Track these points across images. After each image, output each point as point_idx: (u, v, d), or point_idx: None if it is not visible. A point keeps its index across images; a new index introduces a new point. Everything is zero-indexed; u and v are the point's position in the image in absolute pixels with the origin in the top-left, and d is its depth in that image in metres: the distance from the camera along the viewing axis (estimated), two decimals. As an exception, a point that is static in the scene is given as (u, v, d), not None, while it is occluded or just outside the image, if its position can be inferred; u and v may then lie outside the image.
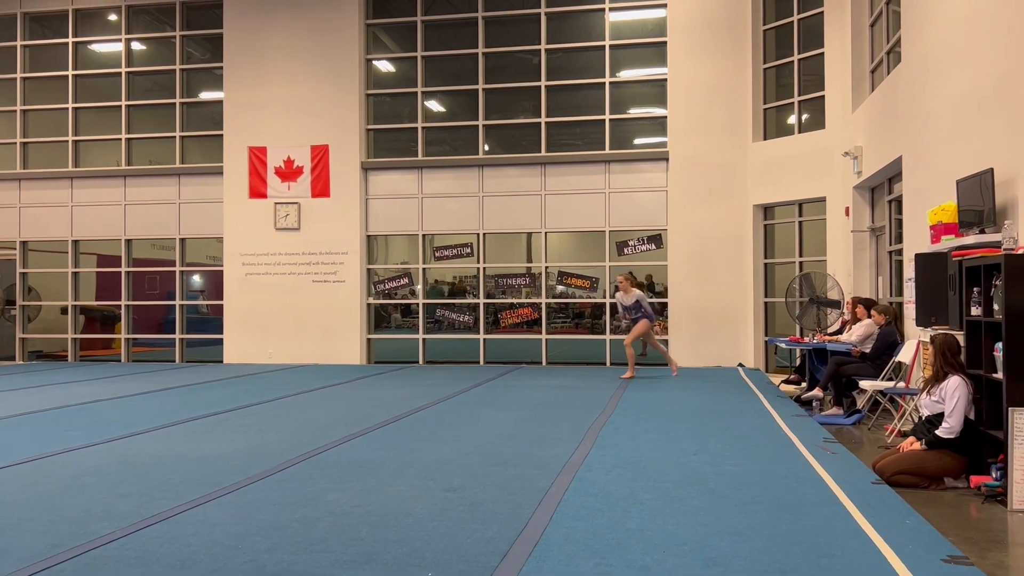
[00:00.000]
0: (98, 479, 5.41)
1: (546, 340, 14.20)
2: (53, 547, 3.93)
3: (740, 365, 13.31)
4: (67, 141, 15.56)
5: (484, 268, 14.51)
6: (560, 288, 14.48)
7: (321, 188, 14.58)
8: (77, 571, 3.60)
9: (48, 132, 15.76)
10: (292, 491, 5.01)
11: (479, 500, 4.81)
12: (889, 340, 8.31)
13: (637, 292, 11.51)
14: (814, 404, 8.98)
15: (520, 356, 14.37)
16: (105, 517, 4.46)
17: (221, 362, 14.80)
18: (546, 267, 14.32)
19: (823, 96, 12.03)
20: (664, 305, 13.70)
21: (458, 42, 14.60)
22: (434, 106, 15.05)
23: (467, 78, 14.52)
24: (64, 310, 15.78)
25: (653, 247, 13.96)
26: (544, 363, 14.13)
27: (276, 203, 14.67)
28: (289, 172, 14.65)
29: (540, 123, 14.24)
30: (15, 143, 15.70)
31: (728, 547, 3.89)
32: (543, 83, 14.20)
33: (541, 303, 14.27)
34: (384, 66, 15.15)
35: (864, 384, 7.92)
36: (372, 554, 3.80)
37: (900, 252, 9.50)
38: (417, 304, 14.71)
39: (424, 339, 14.60)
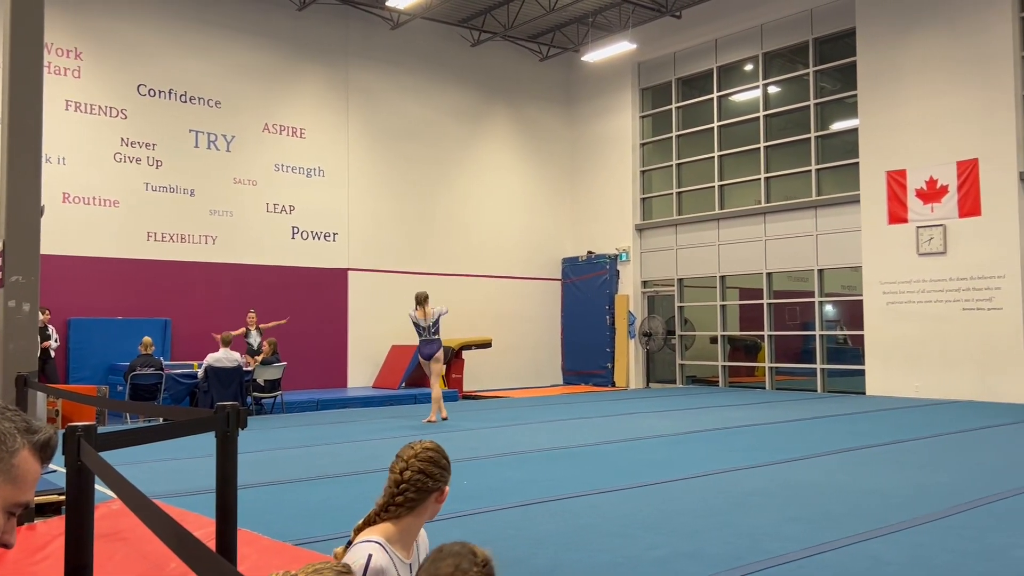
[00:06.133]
0: (764, 500, 5.77)
1: None
2: (736, 559, 4.32)
3: None
4: (713, 187, 17.22)
5: None
6: None
7: (970, 207, 13.25)
8: (762, 585, 3.89)
9: (698, 180, 17.67)
10: (969, 540, 4.60)
11: None
12: None
13: None
14: None
15: None
16: (776, 537, 4.72)
17: (863, 393, 14.48)
18: None
19: None
20: None
21: None
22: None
23: None
24: (713, 339, 17.38)
25: None
26: None
27: (918, 227, 13.84)
28: (932, 193, 13.69)
29: None
30: (672, 194, 17.99)
31: None
32: None
33: None
34: (1046, 59, 13.14)
35: None
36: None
37: None
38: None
39: (1115, 377, 12.03)
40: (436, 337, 10.95)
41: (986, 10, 13.17)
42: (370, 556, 2.27)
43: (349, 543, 2.39)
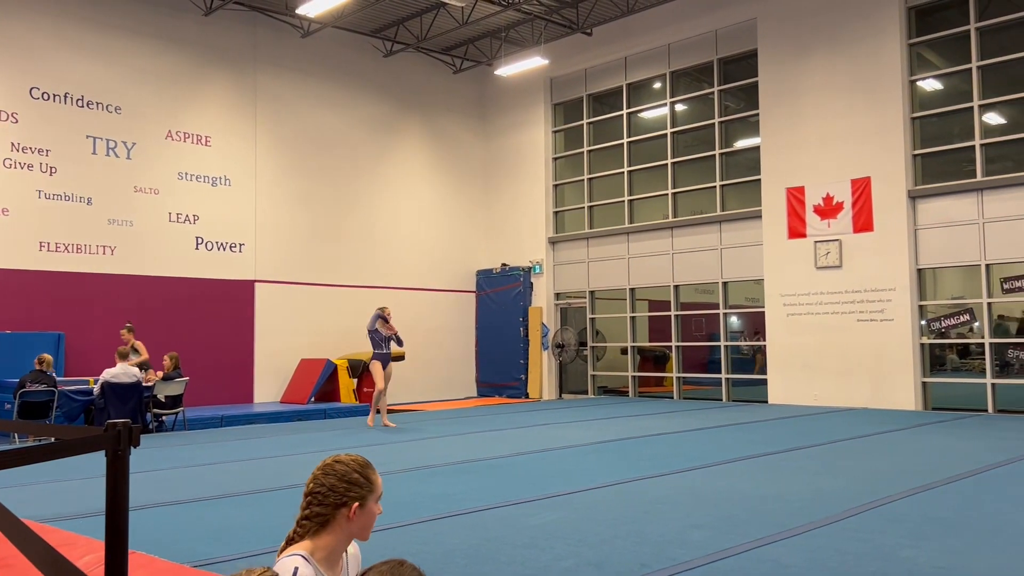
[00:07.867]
0: (670, 507, 5.89)
1: None
2: (641, 566, 4.39)
3: None
4: (623, 201, 17.57)
5: (1072, 300, 12.20)
6: None
7: (863, 222, 13.93)
8: (667, 592, 3.95)
9: (608, 195, 17.99)
10: (862, 542, 4.80)
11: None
12: None
13: None
14: None
15: None
16: (681, 544, 4.82)
17: (766, 402, 14.97)
18: None
19: None
20: None
21: (1021, 43, 12.75)
22: (992, 119, 13.32)
23: (1037, 81, 12.57)
24: (624, 350, 17.69)
25: None
26: None
27: (816, 241, 14.45)
28: (828, 209, 14.32)
29: None
30: (583, 208, 18.26)
31: None
32: None
33: None
34: (930, 85, 13.95)
35: None
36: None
37: None
38: (981, 344, 13.00)
39: (993, 384, 12.81)
40: None
41: (878, 37, 13.90)
42: (296, 569, 2.23)
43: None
